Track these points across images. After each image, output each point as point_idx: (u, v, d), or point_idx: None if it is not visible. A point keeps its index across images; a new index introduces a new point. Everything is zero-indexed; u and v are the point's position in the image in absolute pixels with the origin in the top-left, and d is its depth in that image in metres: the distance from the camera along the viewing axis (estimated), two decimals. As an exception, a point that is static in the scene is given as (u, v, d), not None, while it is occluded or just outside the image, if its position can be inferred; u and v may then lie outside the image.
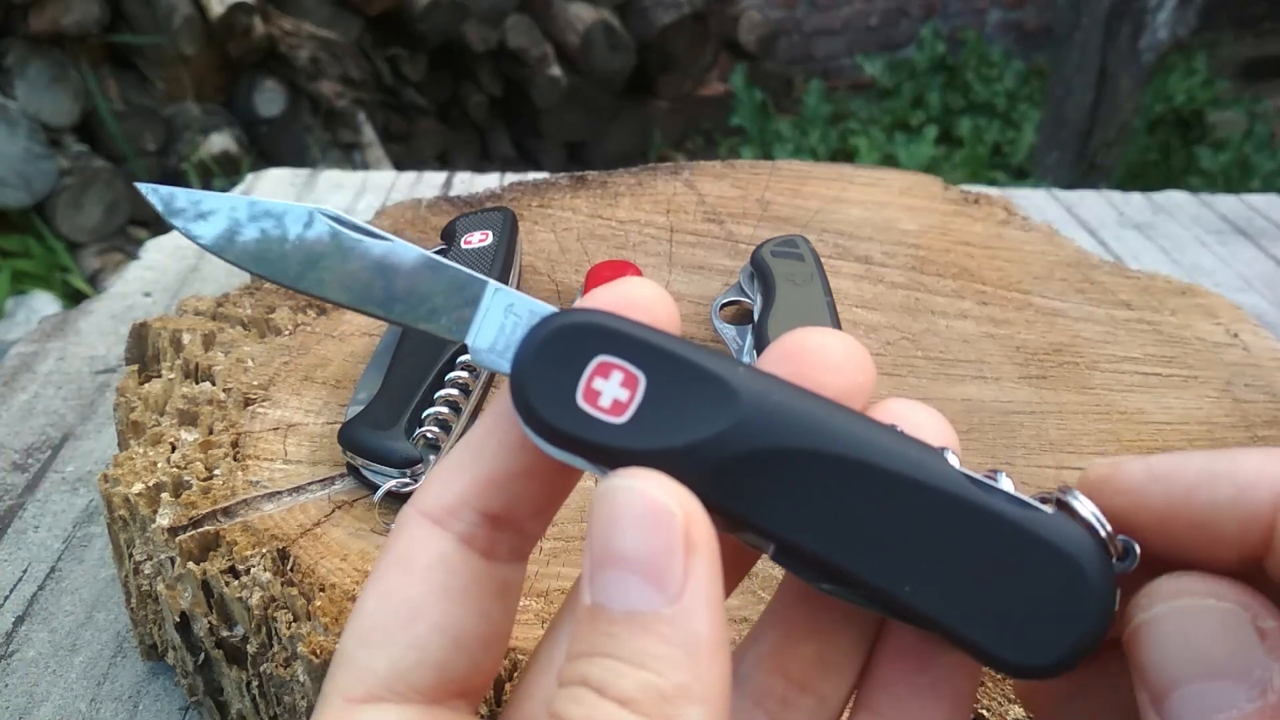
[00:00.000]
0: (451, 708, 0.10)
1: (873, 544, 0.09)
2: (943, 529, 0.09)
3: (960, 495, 0.09)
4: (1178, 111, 1.16)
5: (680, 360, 0.09)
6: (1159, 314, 0.27)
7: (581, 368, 0.09)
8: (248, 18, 0.97)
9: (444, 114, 1.18)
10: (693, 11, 1.23)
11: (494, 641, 0.10)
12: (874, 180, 0.33)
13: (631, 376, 0.09)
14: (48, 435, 0.29)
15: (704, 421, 0.09)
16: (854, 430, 0.09)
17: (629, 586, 0.08)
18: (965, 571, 0.09)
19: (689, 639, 0.08)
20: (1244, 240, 0.43)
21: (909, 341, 0.25)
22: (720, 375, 0.09)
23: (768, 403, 0.09)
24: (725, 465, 0.09)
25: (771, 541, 0.09)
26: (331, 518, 0.18)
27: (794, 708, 0.10)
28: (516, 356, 0.09)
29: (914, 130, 1.22)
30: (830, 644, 0.10)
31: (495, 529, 0.10)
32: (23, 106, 0.89)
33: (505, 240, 0.25)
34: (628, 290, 0.10)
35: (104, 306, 0.36)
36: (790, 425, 0.09)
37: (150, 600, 0.20)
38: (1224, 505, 0.08)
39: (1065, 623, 0.09)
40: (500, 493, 0.10)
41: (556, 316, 0.10)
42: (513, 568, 0.10)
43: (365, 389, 0.20)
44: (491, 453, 0.10)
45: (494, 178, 0.46)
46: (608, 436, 0.09)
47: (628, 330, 0.09)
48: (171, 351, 0.23)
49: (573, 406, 0.09)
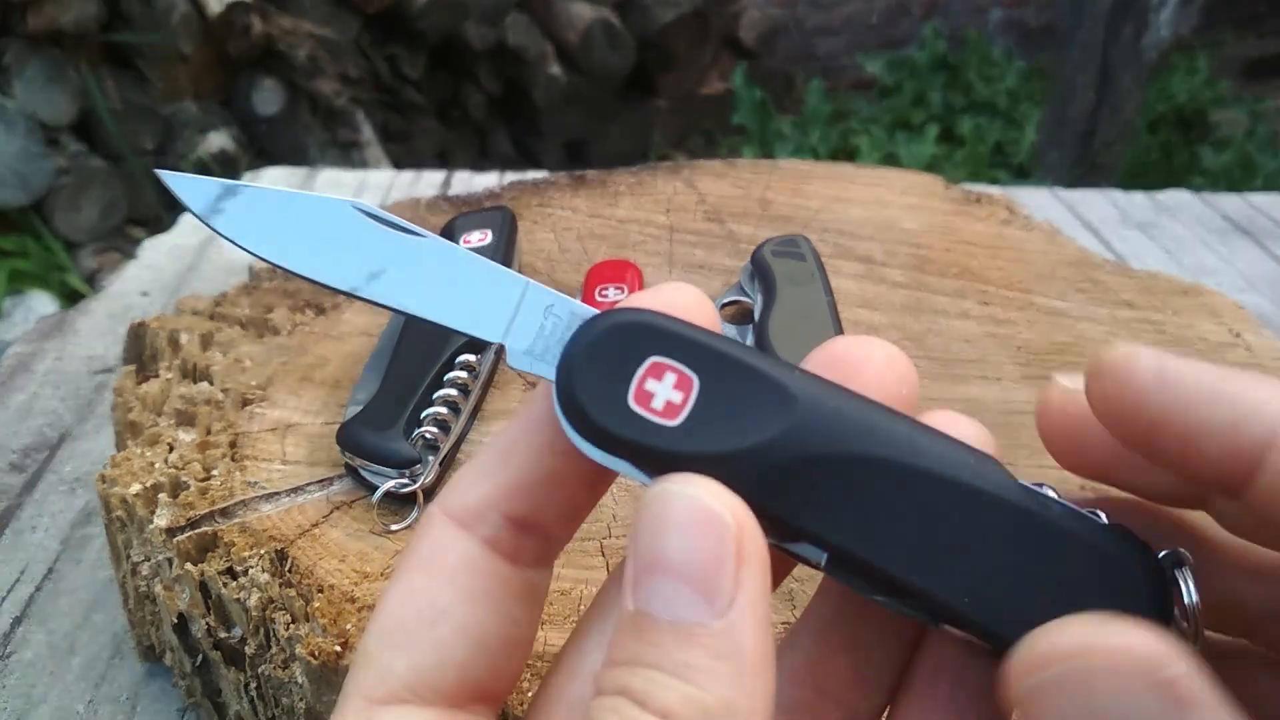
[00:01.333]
0: (472, 712, 0.09)
1: (931, 554, 0.09)
2: (1001, 539, 0.09)
3: (1020, 504, 0.09)
4: (1180, 111, 1.16)
5: (735, 362, 0.09)
6: (1161, 314, 0.27)
7: (634, 369, 0.09)
8: (246, 16, 0.96)
9: (443, 113, 1.17)
10: (693, 10, 1.23)
11: (517, 646, 0.10)
12: (875, 179, 0.33)
13: (685, 378, 0.09)
14: (45, 435, 0.29)
15: (759, 425, 0.09)
16: (912, 436, 0.09)
17: (676, 595, 0.08)
18: (1023, 582, 0.09)
19: (736, 653, 0.08)
20: (1247, 240, 0.43)
21: (910, 342, 0.25)
22: (776, 378, 0.09)
23: (825, 407, 0.09)
24: (780, 470, 0.09)
25: (825, 551, 0.09)
26: (330, 518, 0.18)
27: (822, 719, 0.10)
28: (564, 356, 0.09)
29: (915, 129, 1.22)
30: (866, 658, 0.10)
31: (521, 533, 0.10)
32: (20, 105, 0.88)
33: (504, 240, 0.25)
34: (672, 295, 0.10)
35: (101, 306, 0.36)
36: (848, 430, 0.09)
37: (148, 601, 0.20)
38: (1218, 426, 0.08)
39: None
40: (528, 497, 0.10)
41: (608, 315, 0.09)
42: (538, 573, 0.10)
43: (364, 389, 0.20)
44: (521, 457, 0.10)
45: (493, 177, 0.46)
46: (660, 439, 0.09)
47: (681, 331, 0.09)
48: (169, 351, 0.23)
49: (624, 408, 0.09)
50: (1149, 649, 0.08)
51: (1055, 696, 0.08)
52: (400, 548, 0.18)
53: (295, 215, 0.10)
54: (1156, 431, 0.09)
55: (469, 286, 0.10)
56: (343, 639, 0.16)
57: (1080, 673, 0.08)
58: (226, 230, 0.10)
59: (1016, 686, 0.08)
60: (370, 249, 0.10)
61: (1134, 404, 0.09)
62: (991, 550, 0.09)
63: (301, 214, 0.10)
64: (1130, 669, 0.08)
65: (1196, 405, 0.08)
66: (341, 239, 0.10)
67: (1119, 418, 0.09)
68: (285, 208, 0.10)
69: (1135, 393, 0.09)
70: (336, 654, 0.16)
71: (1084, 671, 0.08)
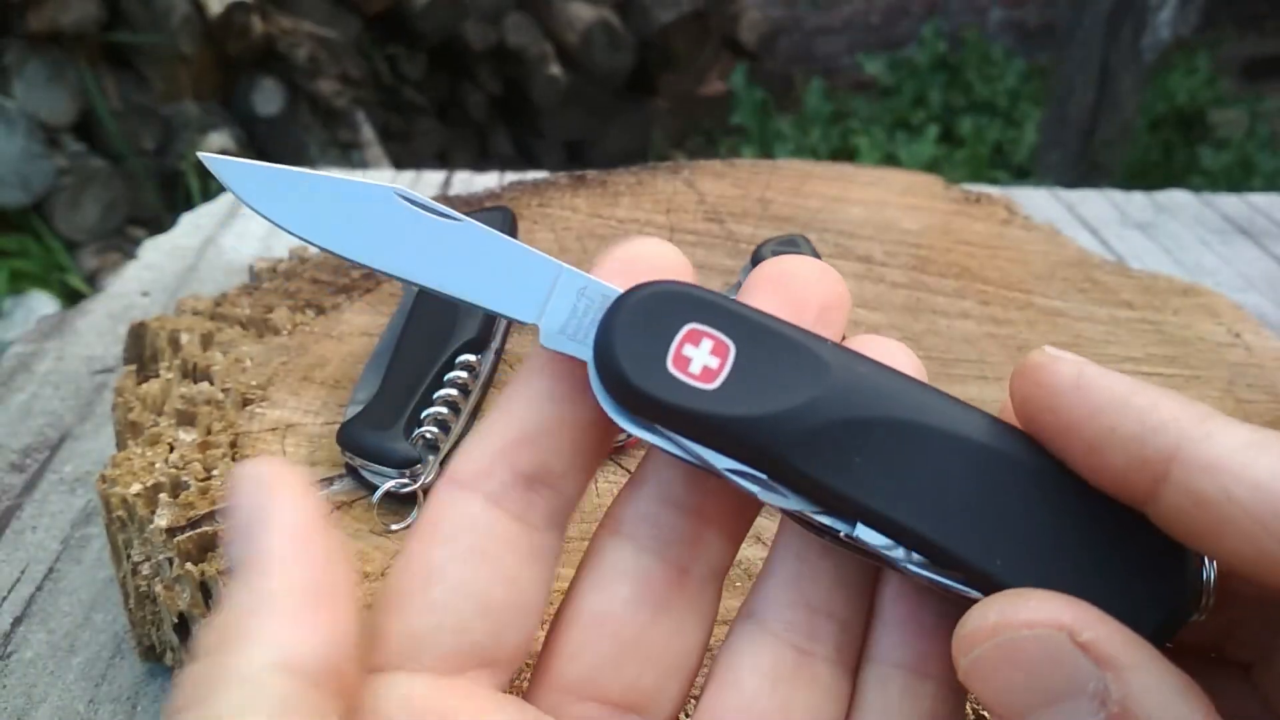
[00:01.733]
0: (472, 678, 0.09)
1: (962, 517, 0.09)
2: (1030, 504, 0.09)
3: (1048, 470, 0.09)
4: (1179, 110, 1.16)
5: (769, 330, 0.09)
6: (1161, 314, 0.27)
7: (672, 334, 0.09)
8: (246, 16, 0.96)
9: (443, 113, 1.17)
10: (693, 10, 1.23)
11: (521, 611, 0.10)
12: (875, 179, 0.33)
13: (721, 344, 0.09)
14: (45, 435, 0.29)
15: (793, 390, 0.09)
16: (943, 405, 0.09)
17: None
18: (1054, 546, 0.09)
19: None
20: (1246, 240, 0.43)
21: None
22: (808, 345, 0.09)
23: (855, 372, 0.09)
24: (815, 433, 0.09)
25: (857, 517, 0.09)
26: (330, 518, 0.18)
27: (818, 637, 0.10)
28: (602, 326, 0.09)
29: (915, 129, 1.22)
30: (846, 563, 0.10)
31: (529, 490, 0.10)
32: (21, 105, 0.89)
33: (505, 239, 0.26)
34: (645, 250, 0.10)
35: (102, 306, 0.36)
36: (880, 395, 0.09)
37: (148, 601, 0.20)
38: (1120, 438, 0.08)
39: (1153, 600, 0.09)
40: (530, 449, 0.10)
41: (645, 285, 0.09)
42: (548, 533, 0.10)
43: (364, 389, 0.20)
44: (520, 408, 0.10)
45: (493, 177, 0.46)
46: (700, 402, 0.09)
47: (715, 300, 0.09)
48: (169, 351, 0.23)
49: (663, 373, 0.09)
50: (1065, 615, 0.08)
51: (991, 671, 0.08)
52: (400, 548, 0.18)
53: (338, 199, 0.10)
54: (1069, 436, 0.09)
55: (505, 269, 0.10)
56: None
57: (1006, 646, 0.08)
58: (270, 213, 0.10)
59: (959, 665, 0.09)
60: (410, 232, 0.10)
61: (1049, 406, 0.09)
62: (1019, 514, 0.09)
63: (344, 198, 0.10)
64: (1050, 636, 0.08)
65: (1107, 413, 0.08)
66: (382, 223, 0.10)
67: (1035, 418, 0.09)
68: (328, 192, 0.10)
69: (1051, 395, 0.09)
70: (337, 653, 0.16)
71: (1009, 644, 0.08)
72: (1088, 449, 0.09)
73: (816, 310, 0.10)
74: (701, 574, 0.10)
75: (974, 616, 0.09)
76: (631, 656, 0.10)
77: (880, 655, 0.10)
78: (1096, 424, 0.08)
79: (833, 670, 0.10)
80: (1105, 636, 0.08)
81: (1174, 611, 0.09)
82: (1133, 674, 0.08)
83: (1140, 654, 0.08)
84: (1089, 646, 0.08)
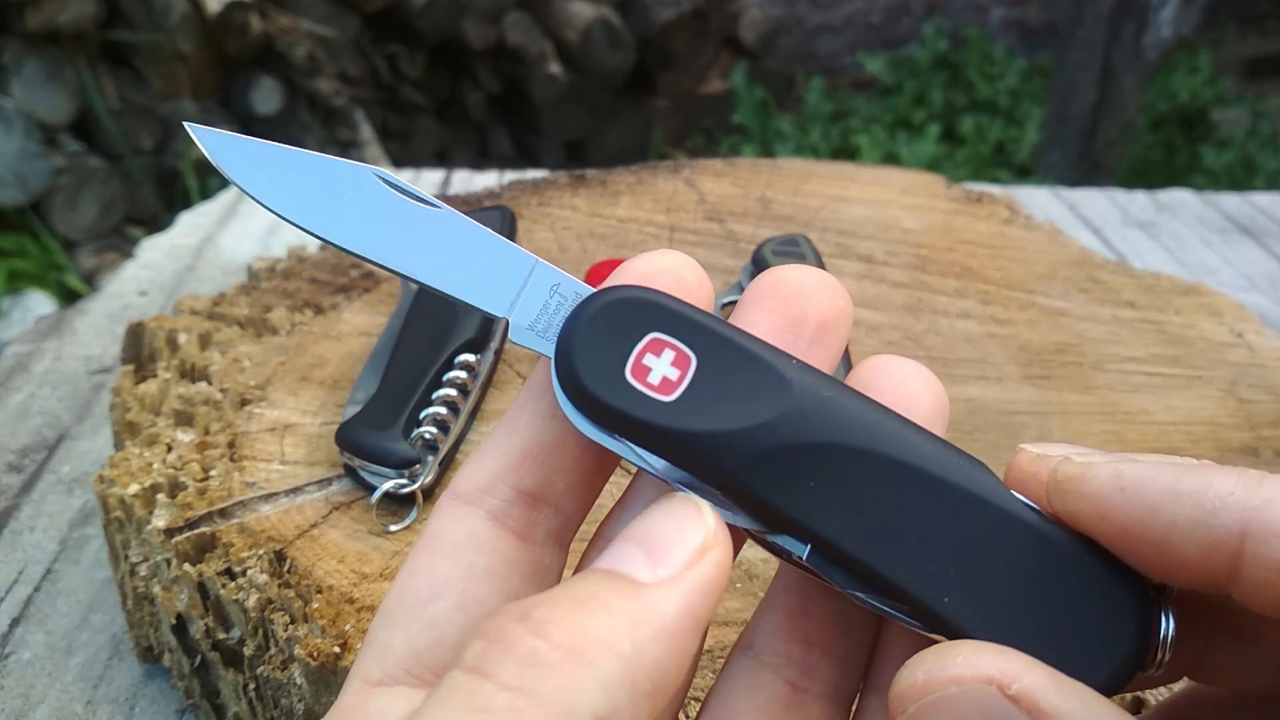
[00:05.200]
0: None
1: (915, 552, 0.09)
2: (987, 543, 0.09)
3: (1009, 511, 0.09)
4: (1181, 110, 1.15)
5: (733, 345, 0.09)
6: (1163, 313, 0.27)
7: (633, 343, 0.09)
8: (244, 15, 0.96)
9: (442, 112, 1.17)
10: (693, 9, 1.22)
11: None
12: (876, 179, 0.33)
13: (683, 356, 0.09)
14: (43, 436, 0.29)
15: (753, 408, 0.09)
16: (905, 434, 0.09)
17: (627, 554, 0.08)
18: (1007, 588, 0.09)
19: (650, 611, 0.08)
20: (1248, 239, 0.43)
21: (911, 341, 0.25)
22: (772, 364, 0.09)
23: (819, 396, 0.09)
24: (770, 455, 0.09)
25: (808, 541, 0.09)
26: (329, 519, 0.18)
27: (815, 675, 0.10)
28: (565, 326, 0.09)
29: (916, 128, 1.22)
30: (844, 605, 0.10)
31: (531, 508, 0.10)
32: (19, 104, 0.88)
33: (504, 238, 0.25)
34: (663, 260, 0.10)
35: (100, 306, 0.35)
36: (840, 421, 0.09)
37: (146, 602, 0.19)
38: (1186, 527, 0.08)
39: (1107, 647, 0.08)
40: (534, 466, 0.10)
41: (612, 290, 0.09)
42: (549, 551, 0.10)
43: (363, 389, 0.20)
44: (524, 425, 0.10)
45: (493, 176, 0.45)
46: (654, 414, 0.09)
47: (683, 310, 0.09)
48: (167, 351, 0.23)
49: (620, 381, 0.09)
50: (993, 667, 0.08)
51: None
52: (399, 548, 0.18)
53: (318, 177, 0.10)
54: (1126, 539, 0.09)
55: (479, 260, 0.10)
56: (341, 640, 0.16)
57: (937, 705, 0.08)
58: (248, 185, 0.10)
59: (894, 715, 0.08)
60: (387, 215, 0.10)
61: (1100, 515, 0.09)
62: (974, 553, 0.09)
63: (324, 176, 0.10)
64: (980, 691, 0.08)
65: (1162, 509, 0.08)
66: (361, 205, 0.10)
67: (1091, 529, 0.09)
68: (310, 170, 0.10)
69: (1097, 504, 0.09)
70: (335, 655, 0.16)
71: (940, 703, 0.08)
72: (1154, 548, 0.08)
73: (815, 325, 0.10)
74: None
75: (904, 675, 0.08)
76: None
77: (883, 685, 0.10)
78: (1155, 523, 0.08)
79: (827, 707, 0.10)
80: (1035, 686, 0.08)
81: (1126, 662, 0.08)
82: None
83: (1073, 701, 0.08)
84: (1019, 698, 0.08)
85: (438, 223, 0.10)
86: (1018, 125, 1.19)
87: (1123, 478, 0.09)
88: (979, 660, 0.08)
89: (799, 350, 0.10)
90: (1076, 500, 0.09)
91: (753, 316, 0.10)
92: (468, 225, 0.10)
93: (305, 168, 0.10)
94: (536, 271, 0.10)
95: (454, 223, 0.10)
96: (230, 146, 0.10)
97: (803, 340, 0.10)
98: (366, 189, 0.10)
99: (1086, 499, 0.09)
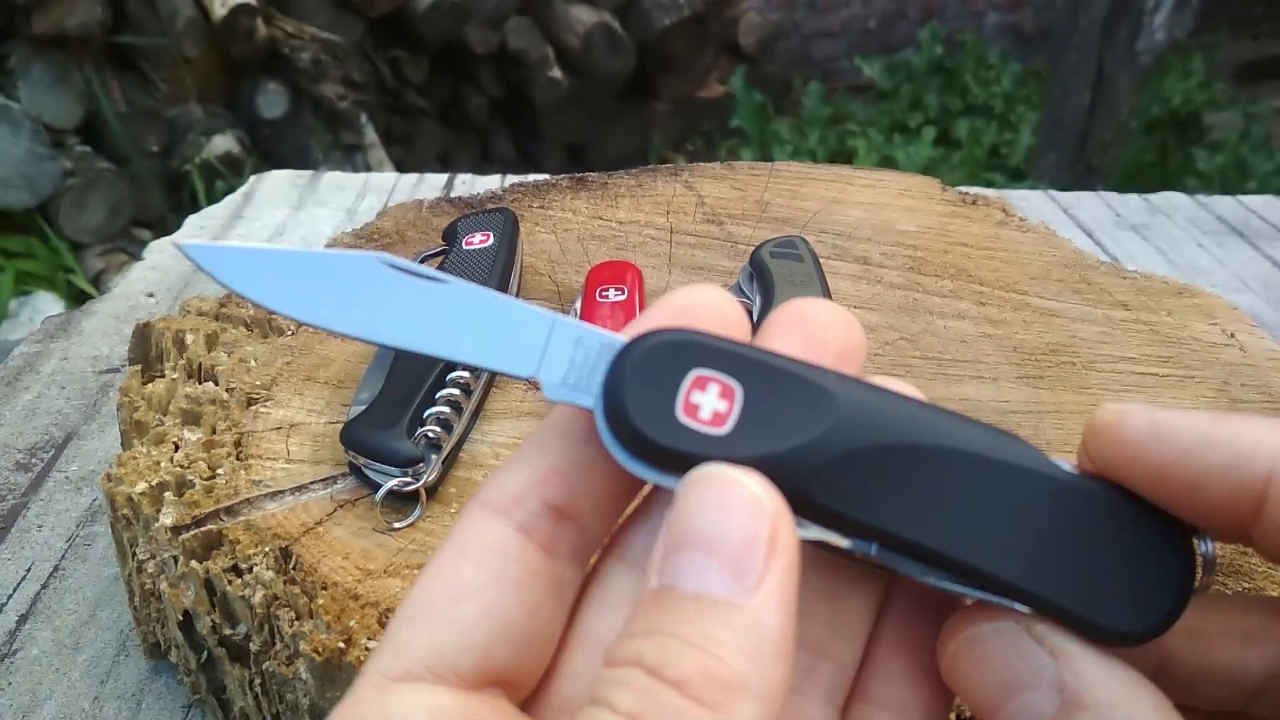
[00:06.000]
0: (489, 695, 0.09)
1: (974, 528, 0.09)
2: (1040, 511, 0.09)
3: (1051, 475, 0.09)
4: (1175, 113, 1.16)
5: (773, 368, 0.09)
6: (1156, 314, 0.27)
7: (679, 383, 0.09)
8: (250, 20, 0.97)
9: (445, 116, 1.18)
10: (692, 14, 1.23)
11: (541, 639, 0.10)
12: (872, 181, 0.34)
13: (728, 388, 0.09)
14: (51, 435, 0.29)
15: (804, 425, 0.09)
16: (948, 423, 0.09)
17: (705, 569, 0.08)
18: (1065, 550, 0.09)
19: (758, 631, 0.08)
20: (1240, 241, 0.43)
21: (907, 342, 0.25)
22: (813, 380, 0.09)
23: (863, 402, 0.09)
24: (829, 466, 0.09)
25: (875, 539, 0.09)
26: (334, 517, 0.19)
27: (814, 676, 0.10)
28: (608, 381, 0.09)
29: (912, 132, 1.22)
30: (842, 604, 0.10)
31: (557, 522, 0.10)
32: (26, 108, 0.89)
33: (506, 241, 0.25)
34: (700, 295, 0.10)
35: (107, 307, 0.36)
36: (888, 421, 0.09)
37: (153, 599, 0.20)
38: (1218, 470, 0.09)
39: (1157, 593, 0.09)
40: (563, 483, 0.10)
41: (647, 337, 0.10)
42: (571, 567, 0.10)
43: (367, 389, 0.21)
44: (555, 443, 0.10)
45: (495, 179, 0.46)
46: (713, 448, 0.09)
47: (718, 344, 0.10)
48: (174, 352, 0.23)
49: (674, 422, 0.09)
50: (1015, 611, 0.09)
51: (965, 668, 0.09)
52: (403, 546, 0.18)
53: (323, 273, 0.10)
54: (1164, 481, 0.09)
55: (497, 326, 0.10)
56: (346, 636, 0.16)
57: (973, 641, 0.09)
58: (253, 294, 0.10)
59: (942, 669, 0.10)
60: (398, 299, 0.10)
61: (1135, 458, 0.09)
62: (1030, 522, 0.09)
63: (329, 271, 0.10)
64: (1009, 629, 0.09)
65: (1194, 451, 0.09)
66: (370, 292, 0.10)
67: (1123, 472, 0.09)
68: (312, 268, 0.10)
69: (1134, 448, 0.09)
70: (340, 651, 0.16)
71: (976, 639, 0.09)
72: (1185, 488, 0.09)
73: (836, 354, 0.10)
74: None
75: (948, 622, 0.09)
76: None
77: (866, 695, 0.10)
78: (1189, 464, 0.09)
79: (823, 710, 0.10)
80: (1055, 628, 0.09)
81: (1173, 605, 0.09)
82: (1081, 662, 0.09)
83: (1088, 645, 0.09)
84: (1042, 638, 0.09)
85: (450, 297, 0.10)
86: (1012, 129, 1.20)
87: (1158, 424, 0.09)
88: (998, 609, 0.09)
89: None
90: (1113, 445, 0.09)
91: (774, 344, 0.10)
92: (480, 294, 0.10)
93: (308, 266, 0.10)
94: (556, 328, 0.10)
95: (466, 294, 0.10)
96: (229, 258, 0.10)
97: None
98: (373, 277, 0.10)
99: (1123, 444, 0.09)
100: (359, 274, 0.10)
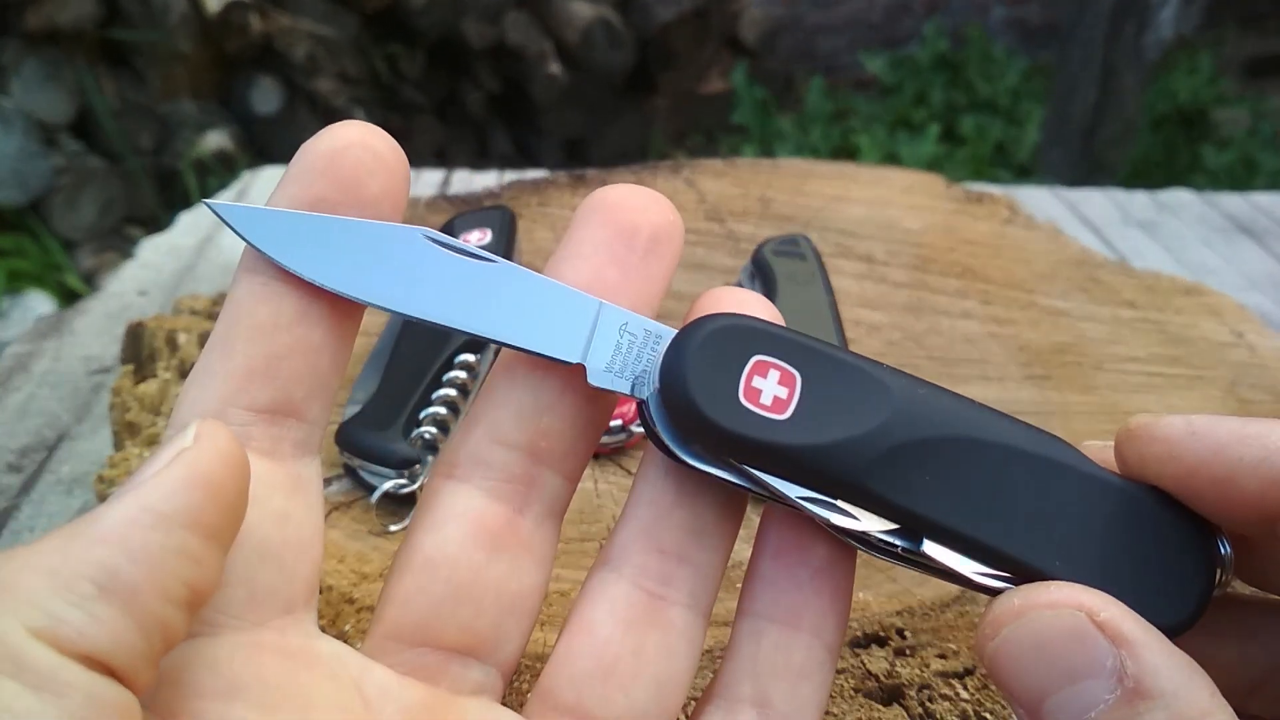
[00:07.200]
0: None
1: (1018, 521, 0.10)
2: (1081, 508, 0.10)
3: (1094, 475, 0.10)
4: (1182, 109, 1.15)
5: (830, 358, 0.10)
6: (1163, 313, 0.27)
7: (740, 367, 0.09)
8: (244, 15, 0.96)
9: (442, 111, 1.17)
10: (693, 8, 1.22)
11: (303, 549, 0.09)
12: (876, 178, 0.33)
13: (788, 374, 0.09)
14: (43, 436, 0.29)
15: (861, 416, 0.09)
16: (996, 420, 0.10)
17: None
18: (1102, 545, 0.10)
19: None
20: (1249, 239, 0.43)
21: (912, 341, 0.25)
22: (870, 371, 0.10)
23: (916, 395, 0.10)
24: (885, 456, 0.09)
25: (923, 529, 0.10)
26: (329, 519, 0.18)
27: (672, 583, 0.10)
28: (668, 361, 0.09)
29: (916, 128, 1.21)
30: (700, 511, 0.10)
31: (271, 425, 0.09)
32: (18, 104, 0.88)
33: (504, 239, 0.25)
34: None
35: (99, 306, 0.36)
36: (941, 415, 0.10)
37: (145, 603, 0.19)
38: (1250, 464, 0.09)
39: (1184, 590, 0.09)
40: (266, 380, 0.09)
41: (706, 320, 0.10)
42: (302, 463, 0.10)
43: (362, 389, 0.20)
44: (242, 343, 0.09)
45: (493, 176, 0.45)
46: (775, 433, 0.09)
47: (778, 331, 0.10)
48: (167, 351, 0.23)
49: (737, 406, 0.09)
50: (1084, 597, 0.09)
51: (1016, 653, 0.09)
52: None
53: (363, 243, 0.10)
54: (1198, 477, 0.09)
55: (544, 309, 0.10)
56: (341, 640, 0.16)
57: (1030, 625, 0.09)
58: (288, 261, 0.09)
59: (984, 651, 0.09)
60: (443, 276, 0.10)
61: (1171, 456, 0.10)
62: (1071, 516, 0.10)
63: (370, 242, 0.10)
64: (1071, 616, 0.09)
65: (1229, 448, 0.09)
66: (413, 267, 0.10)
67: (1158, 469, 0.10)
68: (352, 237, 0.10)
69: (1169, 446, 0.10)
70: (335, 656, 0.15)
71: (1033, 624, 0.09)
72: (1218, 483, 0.09)
73: (648, 237, 0.10)
74: (537, 514, 0.10)
75: (999, 602, 0.09)
76: (465, 599, 0.10)
77: (754, 609, 0.10)
78: (1223, 459, 0.09)
79: (686, 615, 0.10)
80: (1120, 617, 0.09)
81: (1203, 590, 0.09)
82: (1145, 650, 0.09)
83: (1151, 634, 0.09)
84: (1106, 625, 0.09)
85: (496, 277, 0.10)
86: (1018, 125, 1.19)
87: (1193, 424, 0.09)
88: (1072, 591, 0.09)
89: (633, 263, 0.10)
90: (1149, 444, 0.10)
91: (584, 233, 0.10)
92: (528, 276, 0.10)
93: (346, 235, 0.10)
94: (603, 313, 0.10)
95: (513, 275, 0.10)
96: (262, 220, 0.09)
97: (636, 252, 0.10)
98: (417, 251, 0.10)
99: (1159, 442, 0.10)
100: (400, 246, 0.10)
